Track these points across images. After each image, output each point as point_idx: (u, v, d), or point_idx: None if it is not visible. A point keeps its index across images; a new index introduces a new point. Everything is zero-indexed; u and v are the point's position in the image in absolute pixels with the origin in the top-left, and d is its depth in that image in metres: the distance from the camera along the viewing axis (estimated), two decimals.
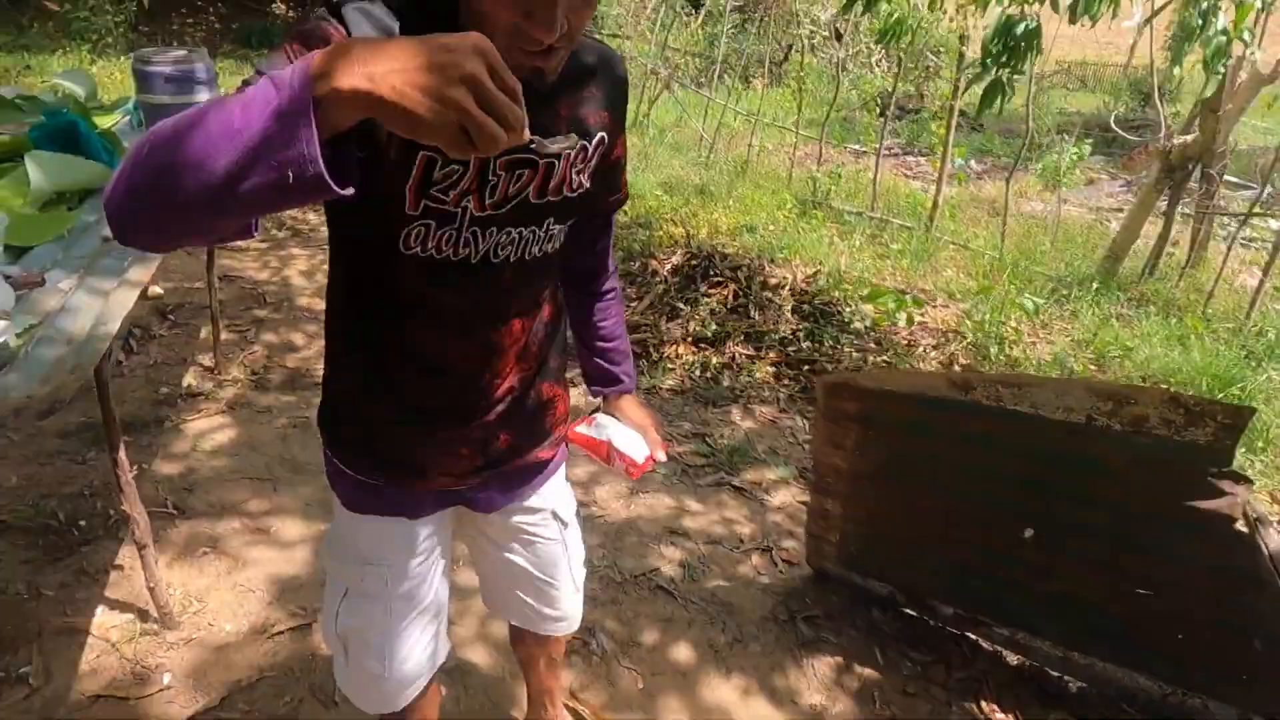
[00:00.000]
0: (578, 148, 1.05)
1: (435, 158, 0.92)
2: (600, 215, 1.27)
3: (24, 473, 2.51)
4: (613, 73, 1.10)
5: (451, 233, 0.98)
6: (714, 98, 8.49)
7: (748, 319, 3.95)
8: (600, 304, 1.38)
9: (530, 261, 1.08)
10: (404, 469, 1.17)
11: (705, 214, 5.66)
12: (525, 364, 1.17)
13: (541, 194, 1.03)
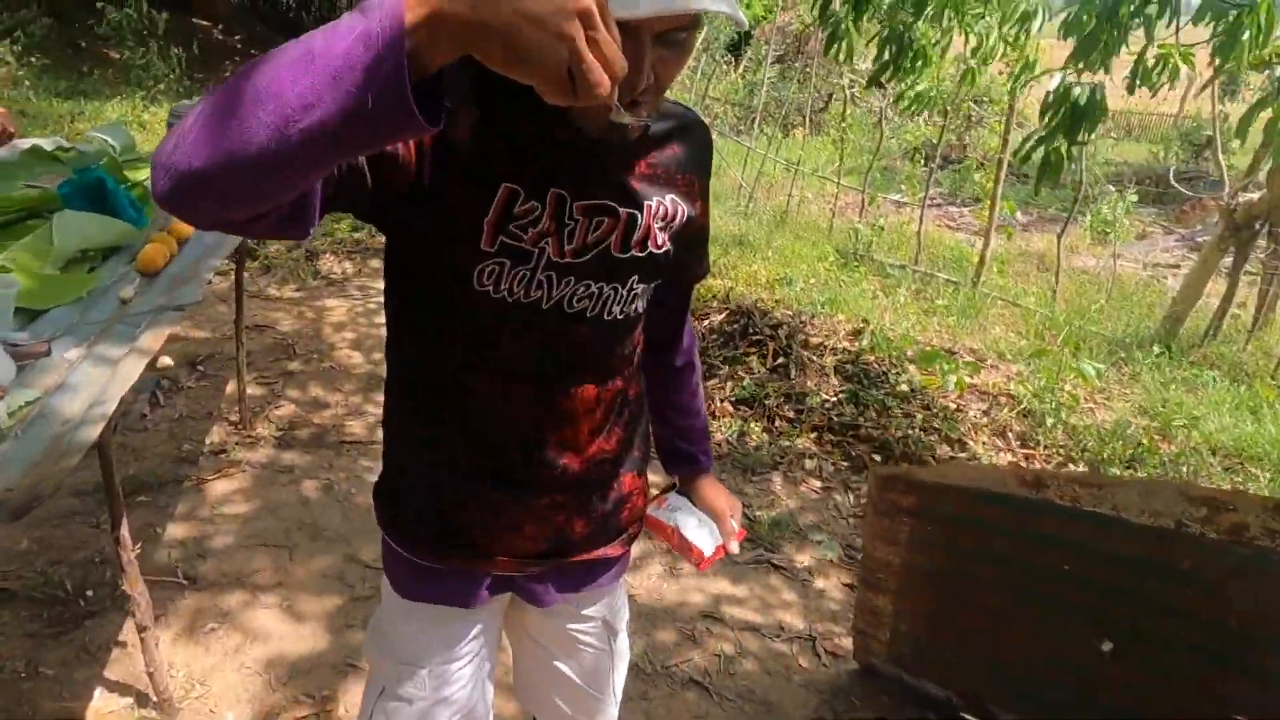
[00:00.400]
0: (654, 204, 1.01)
1: (517, 191, 0.89)
2: (682, 284, 1.23)
3: (36, 535, 2.43)
4: (697, 136, 1.07)
5: (525, 273, 0.94)
6: (753, 147, 8.43)
7: (788, 380, 3.79)
8: (678, 378, 1.32)
9: (610, 322, 1.02)
10: (464, 546, 1.08)
11: (744, 265, 5.55)
12: (602, 442, 1.10)
13: (624, 247, 0.99)
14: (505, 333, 0.99)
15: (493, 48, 0.55)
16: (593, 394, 1.06)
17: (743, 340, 3.98)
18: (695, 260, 1.20)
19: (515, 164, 0.92)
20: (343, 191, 0.79)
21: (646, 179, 1.01)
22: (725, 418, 3.56)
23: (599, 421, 1.09)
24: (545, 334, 1.00)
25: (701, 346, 3.99)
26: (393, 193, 0.86)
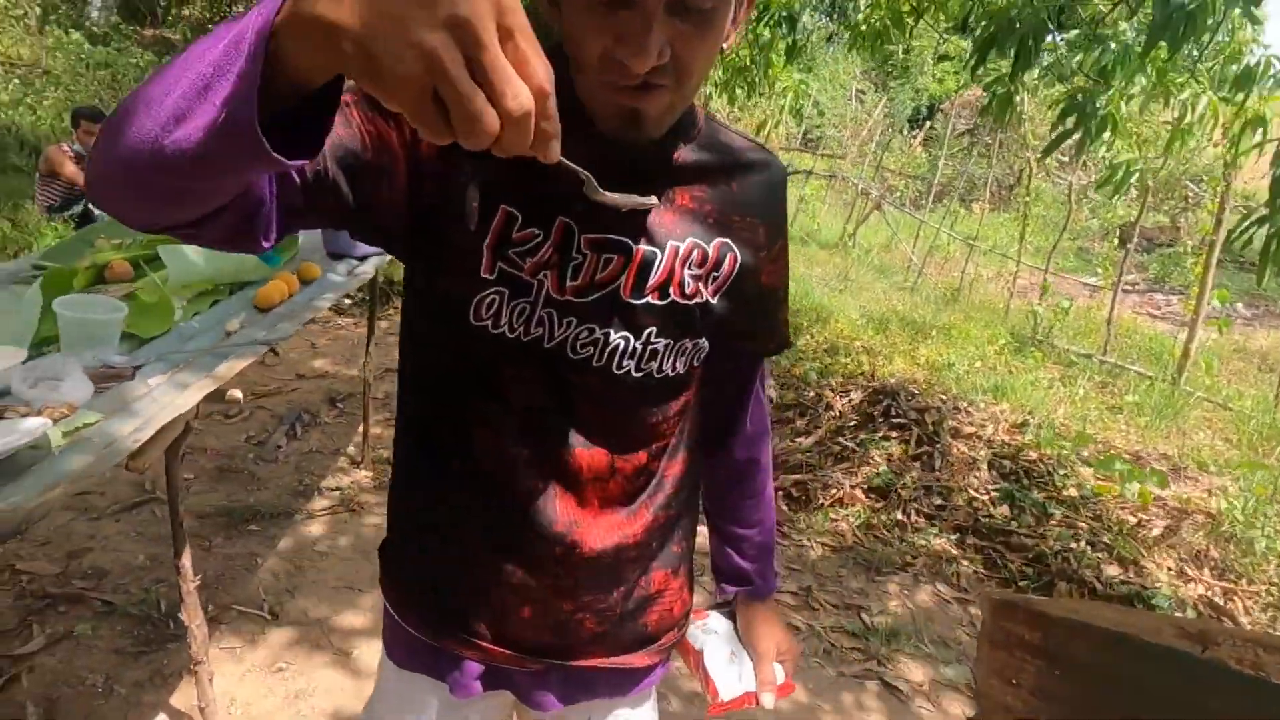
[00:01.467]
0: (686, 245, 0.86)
1: (515, 214, 0.80)
2: (743, 356, 1.03)
3: (151, 552, 2.54)
4: (766, 176, 0.92)
5: (525, 306, 0.83)
6: (927, 220, 8.00)
7: (931, 471, 3.40)
8: (737, 475, 1.10)
9: (622, 378, 0.86)
10: (455, 624, 0.95)
11: (902, 343, 5.17)
12: (622, 522, 0.93)
13: (638, 291, 0.84)
14: (505, 376, 0.86)
15: (350, 57, 0.44)
16: (604, 462, 0.90)
17: (884, 423, 3.64)
18: (761, 327, 1.00)
19: (517, 185, 0.81)
20: (316, 205, 0.72)
21: (684, 215, 0.86)
22: (854, 505, 3.23)
23: (615, 497, 0.93)
24: (549, 380, 0.86)
25: (835, 426, 3.69)
26: (389, 213, 0.78)
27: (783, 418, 3.87)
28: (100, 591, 2.32)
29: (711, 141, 0.88)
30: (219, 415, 3.49)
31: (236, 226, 0.65)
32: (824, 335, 5.08)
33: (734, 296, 0.90)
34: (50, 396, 1.45)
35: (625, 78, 0.71)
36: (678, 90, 0.74)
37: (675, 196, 0.86)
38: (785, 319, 1.03)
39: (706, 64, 0.74)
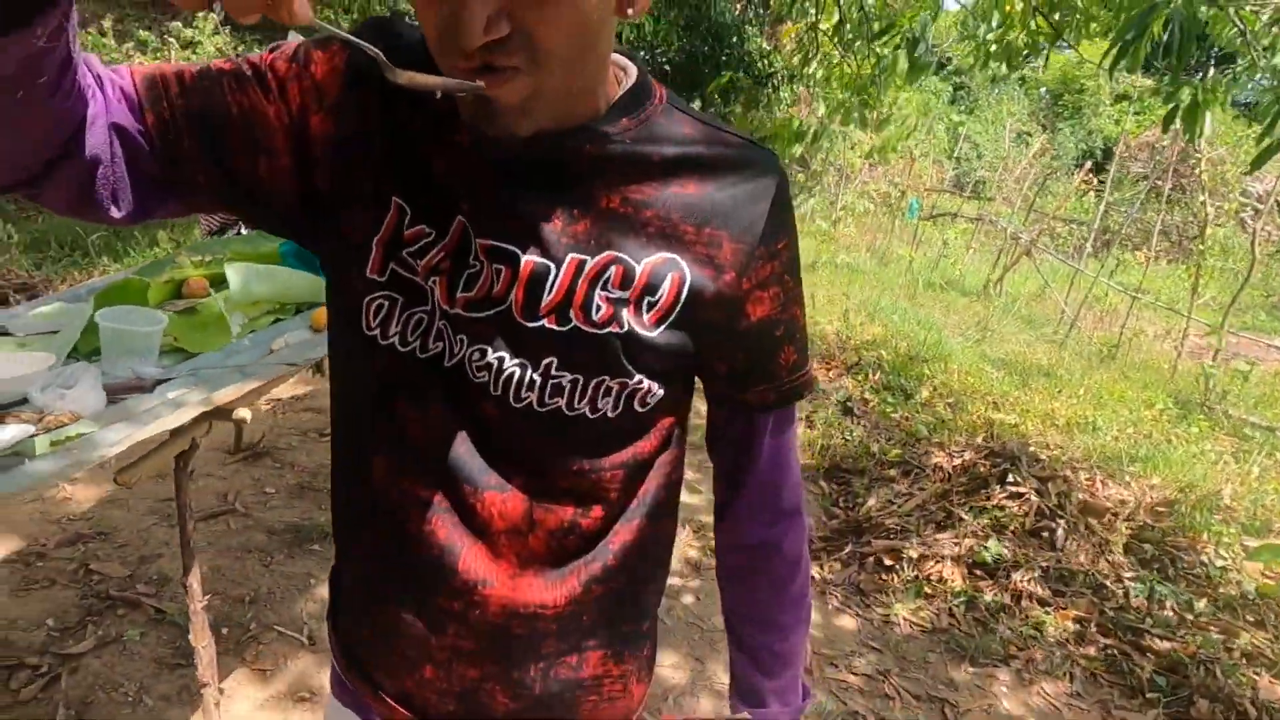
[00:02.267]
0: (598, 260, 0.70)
1: (405, 208, 0.70)
2: (738, 409, 0.83)
3: (216, 564, 2.59)
4: (744, 179, 0.73)
5: (422, 316, 0.72)
6: (1083, 269, 7.31)
7: (1052, 549, 2.98)
8: (745, 560, 0.90)
9: (528, 413, 0.72)
10: (359, 670, 0.86)
11: (1039, 400, 4.67)
12: (544, 587, 0.78)
13: (530, 312, 0.70)
14: (400, 396, 0.74)
15: None
16: (519, 510, 0.75)
17: (999, 487, 3.24)
18: (751, 372, 0.80)
19: (411, 174, 0.70)
20: (177, 176, 0.66)
21: (606, 222, 0.70)
22: (953, 580, 2.86)
23: (539, 555, 0.77)
24: (452, 405, 0.73)
25: (942, 489, 3.31)
26: (273, 195, 0.70)
27: (883, 475, 3.54)
28: (158, 599, 2.37)
29: (664, 132, 0.71)
30: (314, 433, 3.59)
31: (77, 190, 0.61)
32: (948, 387, 4.66)
33: (690, 329, 0.73)
34: (59, 404, 1.46)
35: (463, 56, 0.58)
36: (538, 71, 0.60)
37: (597, 198, 0.70)
38: (794, 363, 0.81)
39: (564, 38, 0.59)
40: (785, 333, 0.79)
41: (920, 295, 7.38)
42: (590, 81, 0.67)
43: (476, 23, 0.55)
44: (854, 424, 4.14)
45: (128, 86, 0.64)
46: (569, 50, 0.60)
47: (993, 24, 3.21)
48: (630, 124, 0.70)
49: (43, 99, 0.54)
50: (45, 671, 2.05)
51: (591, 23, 0.60)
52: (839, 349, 5.26)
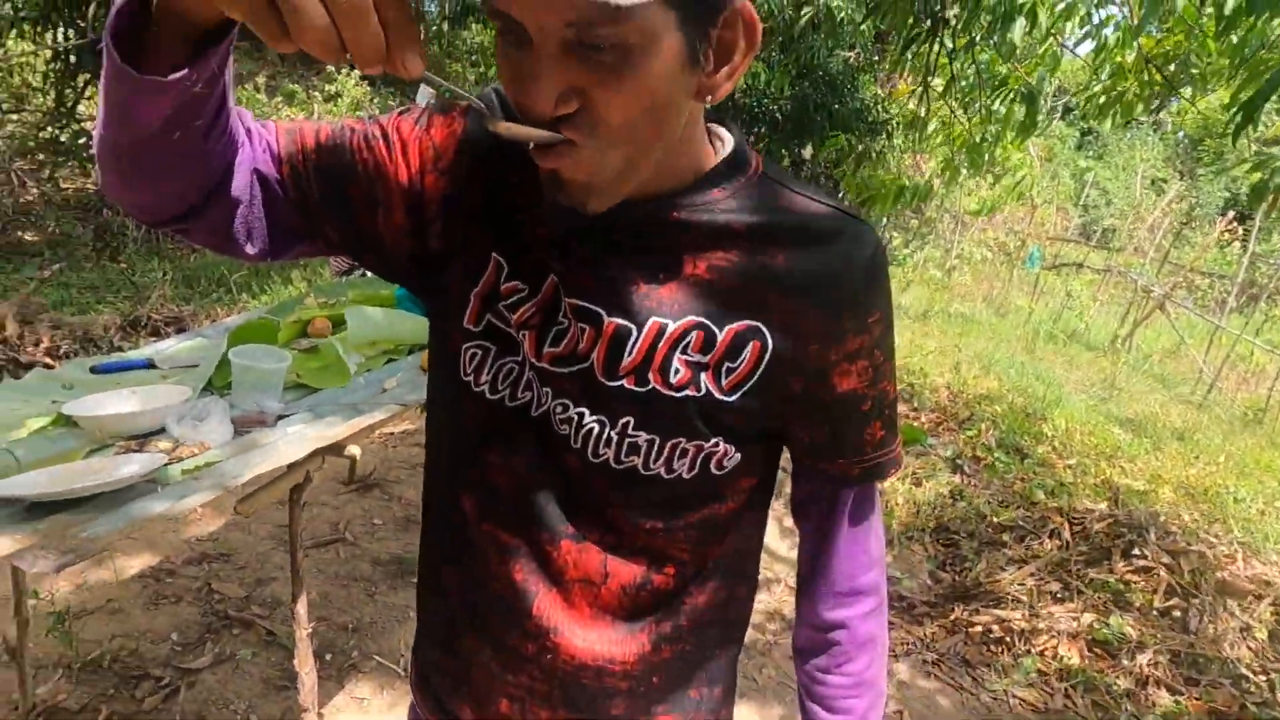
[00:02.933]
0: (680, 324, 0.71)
1: (503, 264, 0.74)
2: (820, 480, 0.83)
3: (324, 590, 2.71)
4: (834, 249, 0.72)
5: (513, 366, 0.75)
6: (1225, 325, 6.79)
7: (1185, 632, 2.74)
8: (815, 636, 0.88)
9: (605, 469, 0.74)
10: (435, 694, 0.89)
11: (1172, 465, 4.34)
12: (615, 640, 0.80)
13: (610, 372, 0.72)
14: (489, 442, 0.78)
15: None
16: (595, 562, 0.77)
17: (1123, 562, 3.01)
18: (834, 443, 0.79)
19: (511, 232, 0.75)
20: (307, 227, 0.73)
21: (691, 288, 0.71)
22: (1070, 658, 2.67)
23: (611, 608, 0.79)
24: (537, 453, 0.76)
25: (1059, 558, 3.11)
26: (389, 248, 0.76)
27: (994, 539, 3.35)
28: (270, 621, 2.50)
29: (755, 203, 0.72)
30: (421, 468, 3.72)
31: (221, 227, 0.68)
32: (1068, 447, 4.40)
33: (769, 397, 0.73)
34: (191, 435, 1.57)
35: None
36: (603, 148, 0.60)
37: (683, 265, 0.71)
38: (882, 439, 0.79)
39: (629, 115, 0.59)
40: (873, 408, 0.77)
41: (1040, 348, 7.03)
42: (669, 156, 0.68)
43: (545, 99, 0.57)
44: (964, 482, 3.96)
45: (271, 139, 0.71)
46: (634, 129, 0.60)
47: (1102, 76, 3.08)
48: (721, 194, 0.71)
49: (199, 140, 0.61)
50: (167, 684, 2.18)
51: (659, 104, 0.60)
52: (950, 402, 5.06)
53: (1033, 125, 2.90)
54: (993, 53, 3.68)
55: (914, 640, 2.82)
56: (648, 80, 0.58)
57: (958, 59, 3.81)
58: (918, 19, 3.63)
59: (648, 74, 0.57)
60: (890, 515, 3.65)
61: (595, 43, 0.55)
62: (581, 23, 0.54)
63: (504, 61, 0.60)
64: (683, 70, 0.60)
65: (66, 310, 4.70)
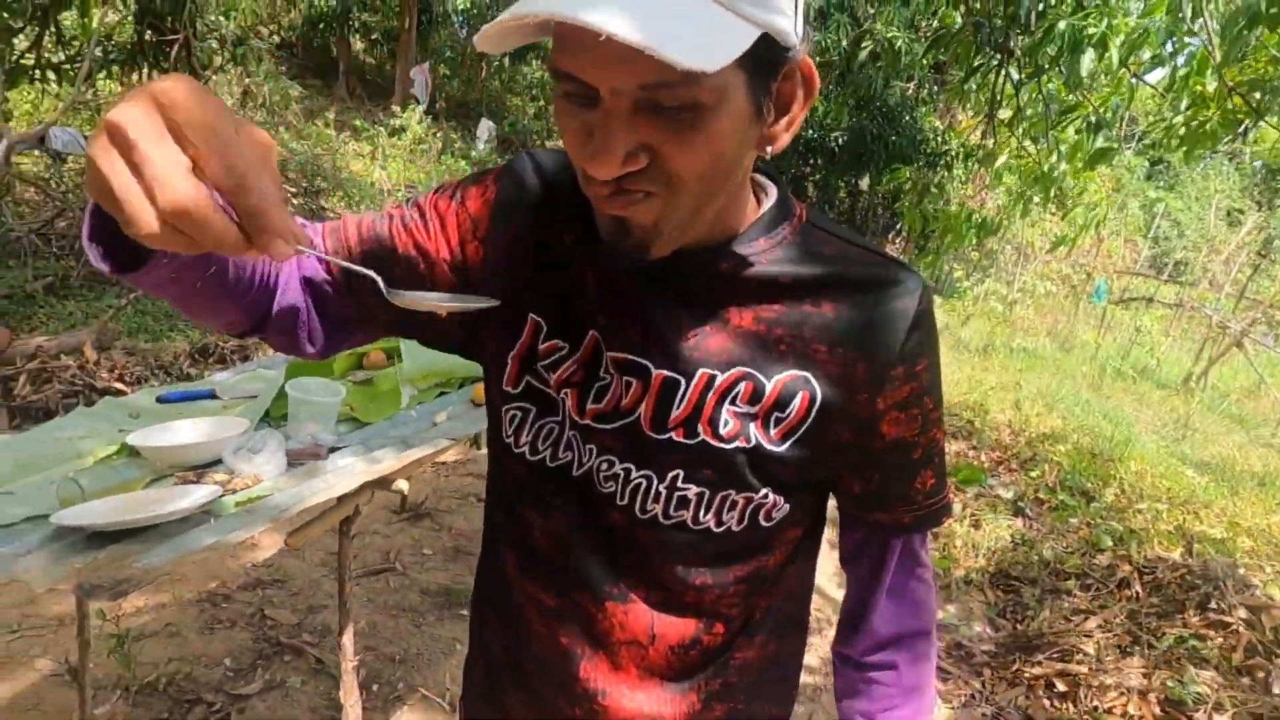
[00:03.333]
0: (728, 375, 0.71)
1: (542, 324, 0.75)
2: (869, 529, 0.82)
3: (372, 620, 2.74)
4: (882, 299, 0.71)
5: (554, 426, 0.76)
6: None
7: (1267, 694, 2.57)
8: (857, 681, 0.86)
9: (654, 525, 0.74)
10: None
11: (1255, 514, 4.11)
12: (665, 700, 0.79)
13: (659, 425, 0.72)
14: (527, 502, 0.79)
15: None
16: (642, 623, 0.77)
17: (1198, 616, 2.85)
18: (884, 493, 0.78)
19: (548, 292, 0.75)
20: (362, 316, 0.76)
21: (738, 339, 0.71)
22: (1141, 717, 2.52)
23: (659, 668, 0.78)
24: (579, 514, 0.76)
25: (1128, 610, 2.96)
26: (440, 320, 0.77)
27: (1058, 587, 3.21)
28: (319, 649, 2.52)
29: (801, 251, 0.72)
30: (472, 497, 3.75)
31: (283, 335, 0.74)
32: (1138, 491, 4.21)
33: (819, 446, 0.72)
34: (246, 467, 1.61)
35: (597, 188, 0.62)
36: (671, 198, 0.61)
37: (729, 316, 0.71)
38: (932, 488, 0.78)
39: (700, 168, 0.60)
40: (923, 455, 0.77)
41: (1107, 385, 6.79)
42: (726, 204, 0.68)
43: (616, 156, 0.57)
44: (1026, 526, 3.82)
45: (318, 240, 0.74)
46: (703, 181, 0.61)
47: (1181, 106, 2.98)
48: (767, 244, 0.71)
49: (219, 285, 0.63)
50: (219, 709, 2.22)
51: (727, 158, 0.61)
52: (1011, 440, 4.90)
53: (1107, 154, 2.82)
54: (1059, 82, 3.60)
55: (971, 691, 2.71)
56: (718, 136, 0.58)
57: (1024, 89, 3.75)
58: (981, 50, 3.58)
59: (718, 130, 0.58)
60: (948, 558, 3.53)
61: (669, 103, 0.56)
62: (655, 84, 0.55)
63: (568, 120, 0.60)
64: (748, 124, 0.60)
65: (141, 338, 4.91)
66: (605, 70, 0.55)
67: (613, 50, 0.51)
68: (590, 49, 0.53)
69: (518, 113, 12.77)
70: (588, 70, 0.56)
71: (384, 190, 9.87)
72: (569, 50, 0.56)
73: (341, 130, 10.90)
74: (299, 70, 13.28)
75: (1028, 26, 3.21)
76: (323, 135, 10.03)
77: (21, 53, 5.20)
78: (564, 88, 0.59)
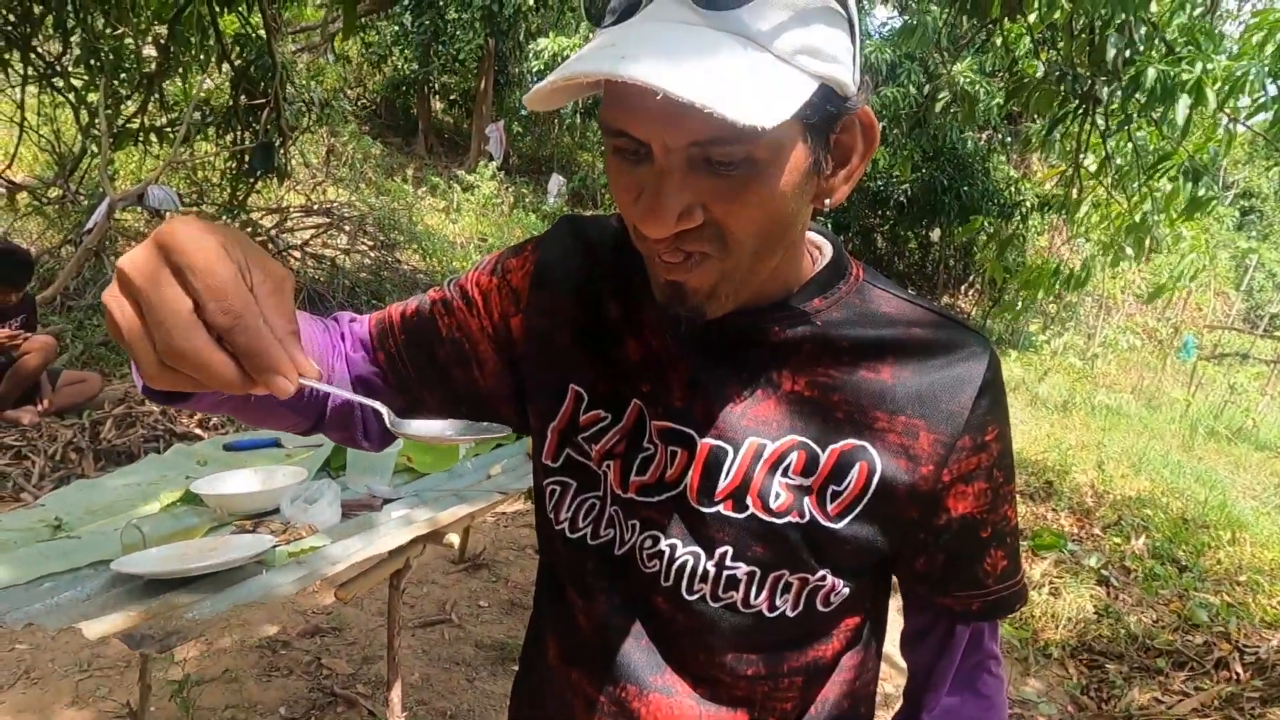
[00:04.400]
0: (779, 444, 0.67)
1: (583, 395, 0.72)
2: (935, 613, 0.76)
3: (425, 673, 2.72)
4: (945, 363, 0.67)
5: (594, 502, 0.72)
6: None
7: None
8: None
9: (699, 608, 0.69)
10: None
11: None
12: None
13: (706, 497, 0.67)
14: (568, 583, 0.76)
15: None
16: (690, 716, 0.72)
17: None
18: (951, 574, 0.72)
19: (589, 362, 0.73)
20: (417, 403, 0.75)
21: (791, 406, 0.67)
22: None
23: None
24: (621, 596, 0.72)
25: (1230, 691, 2.72)
26: (494, 399, 0.77)
27: (1148, 665, 2.98)
28: (372, 700, 2.51)
29: (858, 312, 0.68)
30: (530, 549, 3.73)
31: (340, 434, 0.76)
32: (1236, 562, 3.92)
33: (880, 522, 0.67)
34: (301, 517, 1.63)
35: (651, 246, 0.59)
36: (728, 258, 0.59)
37: (782, 381, 0.67)
38: (1005, 570, 0.72)
39: (755, 227, 0.58)
40: (993, 534, 0.70)
41: (1199, 446, 6.40)
42: (782, 264, 0.65)
43: (670, 214, 0.55)
44: (1111, 596, 3.58)
45: (363, 334, 0.76)
46: (760, 239, 0.59)
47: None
48: (822, 304, 0.67)
49: (268, 399, 0.62)
50: None
51: (785, 214, 0.59)
52: (1094, 504, 4.65)
53: (1207, 203, 2.70)
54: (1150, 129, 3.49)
55: None
56: (774, 192, 0.56)
57: (1112, 138, 3.64)
58: (1066, 99, 3.50)
59: (775, 186, 0.56)
60: (1025, 628, 3.33)
61: (724, 160, 0.54)
62: (709, 141, 0.53)
63: (620, 177, 0.59)
64: (805, 178, 0.58)
65: None
66: (657, 126, 0.53)
67: (664, 105, 0.49)
68: (641, 105, 0.52)
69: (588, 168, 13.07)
70: (639, 126, 0.54)
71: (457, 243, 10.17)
72: (620, 105, 0.54)
73: (419, 186, 11.33)
74: (381, 129, 13.91)
75: (1115, 74, 3.12)
76: (400, 190, 10.43)
77: (128, 118, 5.58)
78: (615, 143, 0.57)
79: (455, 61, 12.65)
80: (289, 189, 8.01)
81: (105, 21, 4.92)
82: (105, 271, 5.85)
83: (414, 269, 8.42)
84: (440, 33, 12.25)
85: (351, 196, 9.17)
